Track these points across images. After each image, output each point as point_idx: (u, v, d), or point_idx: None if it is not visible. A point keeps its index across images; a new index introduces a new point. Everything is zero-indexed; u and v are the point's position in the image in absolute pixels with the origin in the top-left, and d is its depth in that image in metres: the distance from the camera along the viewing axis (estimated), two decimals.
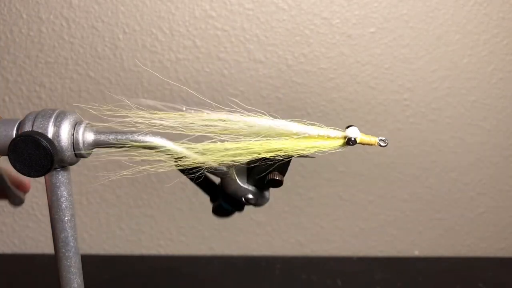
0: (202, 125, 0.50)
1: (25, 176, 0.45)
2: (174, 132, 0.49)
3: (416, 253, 1.14)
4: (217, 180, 0.57)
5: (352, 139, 0.50)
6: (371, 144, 0.52)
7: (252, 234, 1.12)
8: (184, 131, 0.49)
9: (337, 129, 0.51)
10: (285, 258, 1.11)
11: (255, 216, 1.10)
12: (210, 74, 1.01)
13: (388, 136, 1.06)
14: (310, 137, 0.50)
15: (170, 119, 0.50)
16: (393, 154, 1.06)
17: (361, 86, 1.02)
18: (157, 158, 0.50)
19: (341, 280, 1.01)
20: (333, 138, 0.51)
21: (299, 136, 0.50)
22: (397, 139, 1.05)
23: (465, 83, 1.02)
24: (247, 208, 0.57)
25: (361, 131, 0.51)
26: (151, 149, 0.49)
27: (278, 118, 0.50)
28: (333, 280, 1.01)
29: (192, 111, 0.50)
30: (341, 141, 0.51)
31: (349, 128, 0.51)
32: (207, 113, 0.50)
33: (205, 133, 0.50)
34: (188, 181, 0.53)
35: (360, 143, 0.51)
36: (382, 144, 0.52)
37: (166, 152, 0.49)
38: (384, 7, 0.98)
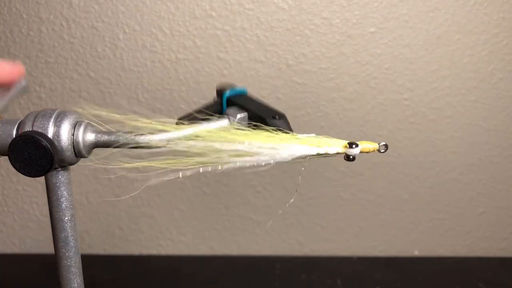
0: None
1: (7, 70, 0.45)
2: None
3: (416, 253, 1.14)
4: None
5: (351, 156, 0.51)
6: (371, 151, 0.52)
7: (252, 234, 1.11)
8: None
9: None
10: (285, 258, 1.11)
11: (255, 216, 1.10)
12: (210, 74, 1.01)
13: (388, 136, 1.06)
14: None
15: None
16: (393, 154, 1.06)
17: (361, 86, 1.02)
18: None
19: (341, 280, 1.01)
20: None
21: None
22: (397, 139, 1.05)
23: (465, 83, 1.02)
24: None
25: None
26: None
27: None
28: (333, 280, 1.01)
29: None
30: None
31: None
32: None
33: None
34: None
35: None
36: (382, 150, 0.52)
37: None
38: (384, 7, 0.98)
